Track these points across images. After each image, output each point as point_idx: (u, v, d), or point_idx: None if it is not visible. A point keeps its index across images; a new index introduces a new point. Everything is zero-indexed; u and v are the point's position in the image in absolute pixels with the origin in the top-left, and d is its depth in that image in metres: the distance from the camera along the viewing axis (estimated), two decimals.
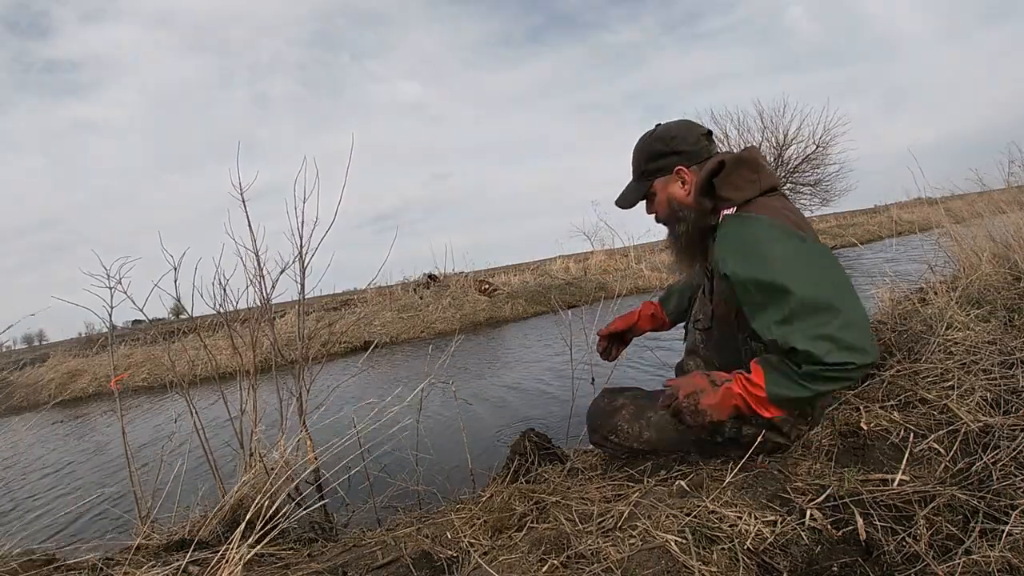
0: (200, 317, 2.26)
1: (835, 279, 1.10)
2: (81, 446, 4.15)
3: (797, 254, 1.11)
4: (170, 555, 1.39)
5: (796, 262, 1.10)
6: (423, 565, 1.17)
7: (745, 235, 1.17)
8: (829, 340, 1.04)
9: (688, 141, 1.32)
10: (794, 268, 1.09)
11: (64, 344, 11.37)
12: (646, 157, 1.37)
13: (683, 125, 1.35)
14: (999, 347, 1.52)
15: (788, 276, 1.08)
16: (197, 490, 1.94)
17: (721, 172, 1.24)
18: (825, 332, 1.04)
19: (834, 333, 1.04)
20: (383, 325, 7.68)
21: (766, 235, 1.14)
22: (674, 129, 1.34)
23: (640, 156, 1.38)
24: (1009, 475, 1.02)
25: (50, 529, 2.40)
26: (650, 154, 1.36)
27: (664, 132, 1.35)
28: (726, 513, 1.04)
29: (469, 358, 5.01)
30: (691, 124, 1.35)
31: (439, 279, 9.31)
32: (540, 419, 2.79)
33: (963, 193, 3.38)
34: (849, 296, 1.08)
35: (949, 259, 2.64)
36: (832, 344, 1.04)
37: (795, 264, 1.10)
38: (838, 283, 1.09)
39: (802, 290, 1.07)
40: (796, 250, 1.12)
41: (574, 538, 1.09)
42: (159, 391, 6.32)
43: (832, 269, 1.12)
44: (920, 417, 1.31)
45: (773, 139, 14.75)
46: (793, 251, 1.12)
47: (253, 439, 1.85)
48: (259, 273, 2.07)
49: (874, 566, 0.91)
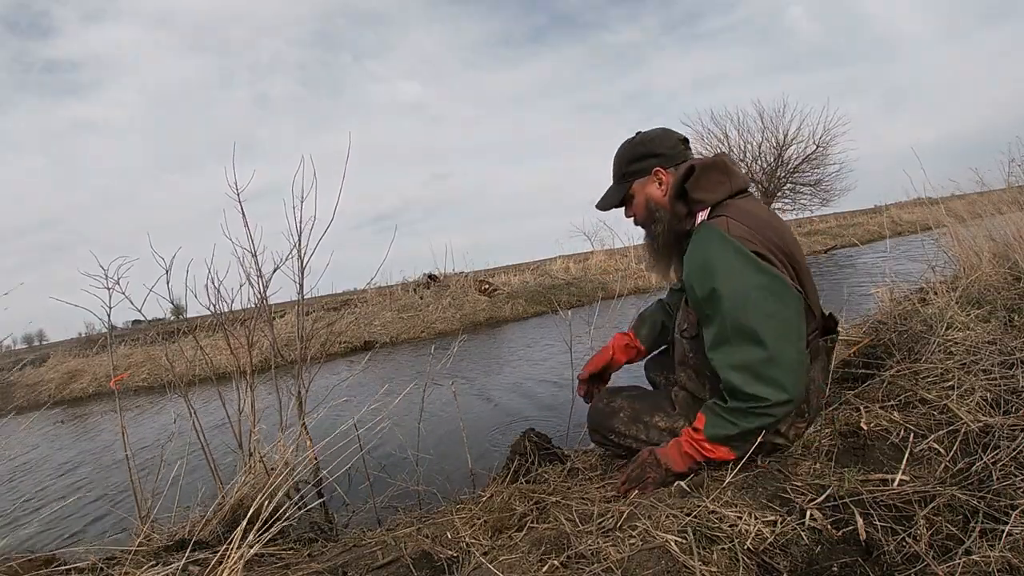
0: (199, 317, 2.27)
1: (773, 312, 1.13)
2: (81, 446, 4.15)
3: (744, 281, 1.15)
4: (170, 555, 1.39)
5: (739, 288, 1.14)
6: (423, 565, 1.17)
7: (703, 250, 1.21)
8: (747, 370, 1.12)
9: (666, 145, 1.38)
10: (735, 293, 1.14)
11: (64, 344, 11.38)
12: (626, 160, 1.42)
13: (661, 131, 1.42)
14: (999, 347, 1.52)
15: (727, 300, 1.15)
16: (197, 490, 1.94)
17: (692, 176, 1.31)
18: (745, 361, 1.13)
19: (754, 364, 1.12)
20: (383, 325, 7.68)
21: (719, 255, 1.18)
22: (652, 134, 1.41)
23: (620, 160, 1.44)
24: (1009, 475, 1.02)
25: (50, 529, 2.39)
26: (630, 157, 1.41)
27: (643, 137, 1.42)
28: (726, 513, 1.04)
29: (469, 358, 5.01)
30: (669, 130, 1.42)
31: (439, 279, 9.31)
32: (540, 419, 2.78)
33: (963, 193, 3.38)
34: (783, 332, 1.13)
35: (949, 259, 2.64)
36: (749, 375, 1.12)
37: (737, 290, 1.14)
38: (776, 317, 1.13)
39: (735, 316, 1.14)
40: (743, 277, 1.15)
41: (574, 538, 1.09)
42: (159, 391, 6.32)
43: (775, 303, 1.14)
44: (920, 417, 1.31)
45: (773, 139, 14.77)
46: (740, 277, 1.15)
47: (252, 439, 1.85)
48: (257, 273, 2.07)
49: (874, 566, 0.91)
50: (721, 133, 15.21)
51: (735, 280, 1.15)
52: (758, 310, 1.13)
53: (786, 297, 1.15)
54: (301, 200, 2.03)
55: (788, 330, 1.14)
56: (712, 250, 1.19)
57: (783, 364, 1.11)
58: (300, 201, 2.03)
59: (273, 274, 2.07)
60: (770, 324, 1.12)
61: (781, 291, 1.15)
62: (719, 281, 1.16)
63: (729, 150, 15.24)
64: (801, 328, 1.18)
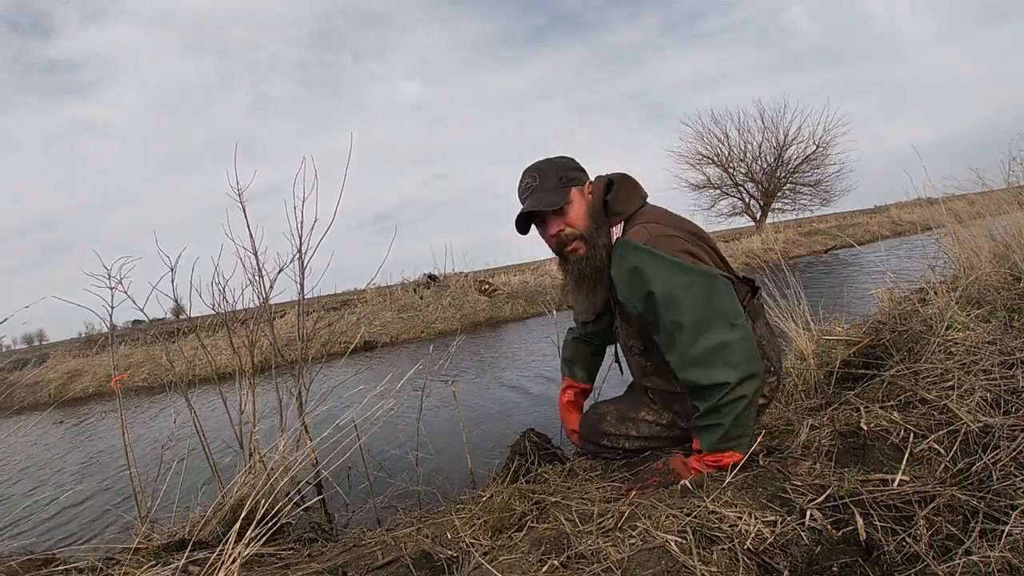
0: (200, 317, 2.26)
1: (705, 303, 1.19)
2: (81, 446, 4.15)
3: (671, 283, 1.21)
4: (170, 555, 1.39)
5: (668, 292, 1.20)
6: (423, 565, 1.17)
7: (628, 263, 1.26)
8: (699, 363, 1.18)
9: (580, 168, 1.44)
10: (667, 298, 1.20)
11: (64, 344, 11.36)
12: (565, 167, 1.41)
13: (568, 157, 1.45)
14: (999, 347, 1.52)
15: (662, 304, 1.20)
16: (197, 490, 1.94)
17: (612, 189, 1.36)
18: (694, 356, 1.18)
19: (703, 357, 1.17)
20: (383, 325, 7.68)
21: (644, 263, 1.23)
22: (566, 157, 1.44)
23: (558, 166, 1.41)
24: (1009, 475, 1.02)
25: (50, 529, 2.40)
26: (569, 165, 1.42)
27: (563, 157, 1.44)
28: (726, 513, 1.04)
29: (469, 358, 5.01)
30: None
31: (439, 279, 9.30)
32: (540, 419, 2.78)
33: (963, 193, 3.38)
34: (719, 318, 1.18)
35: (949, 259, 2.64)
36: (703, 367, 1.18)
37: (668, 293, 1.20)
38: (709, 307, 1.19)
39: (673, 317, 1.20)
40: (670, 279, 1.21)
41: (574, 538, 1.09)
42: (160, 391, 6.32)
43: (705, 294, 1.20)
44: (920, 417, 1.31)
45: (773, 139, 14.79)
46: (667, 280, 1.21)
47: (253, 439, 1.85)
48: (259, 272, 2.07)
49: (874, 566, 0.91)
50: (721, 133, 15.23)
51: (664, 284, 1.21)
52: (691, 307, 1.19)
53: (714, 285, 1.22)
54: (302, 200, 2.03)
55: (723, 314, 1.19)
56: (636, 261, 1.25)
57: (730, 346, 1.17)
58: (301, 201, 2.03)
59: (279, 274, 2.07)
60: (705, 315, 1.19)
61: (708, 282, 1.21)
62: (652, 285, 1.22)
63: (729, 150, 15.25)
64: (735, 306, 1.23)
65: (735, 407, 1.17)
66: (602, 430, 1.53)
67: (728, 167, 15.34)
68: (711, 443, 1.22)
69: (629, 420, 1.50)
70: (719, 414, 1.19)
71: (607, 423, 1.53)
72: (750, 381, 1.18)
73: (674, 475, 1.28)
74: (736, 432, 1.20)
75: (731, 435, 1.20)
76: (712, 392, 1.18)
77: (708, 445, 1.22)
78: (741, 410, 1.18)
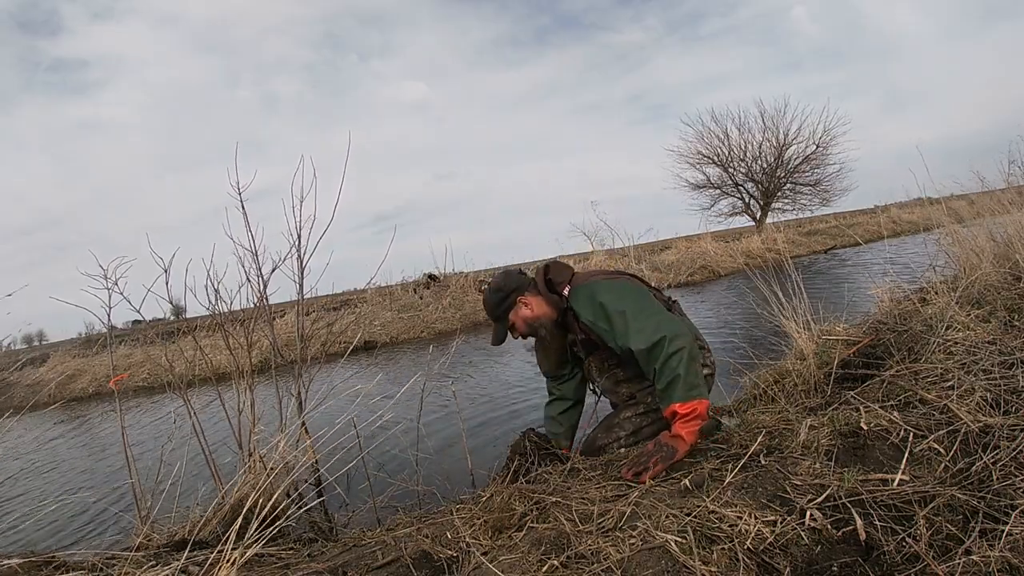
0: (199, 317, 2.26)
1: (637, 299, 1.63)
2: (81, 446, 4.15)
3: (614, 293, 1.65)
4: (170, 555, 1.39)
5: (613, 298, 1.63)
6: (423, 565, 1.17)
7: (584, 297, 1.69)
8: (641, 333, 1.53)
9: (514, 281, 1.84)
10: (613, 301, 1.62)
11: (64, 344, 11.36)
12: (495, 304, 1.84)
13: (504, 274, 1.87)
14: (999, 347, 1.52)
15: (610, 305, 1.61)
16: (197, 490, 1.94)
17: (550, 269, 1.83)
18: (638, 329, 1.54)
19: (644, 329, 1.53)
20: (383, 325, 7.68)
21: (595, 289, 1.68)
22: (500, 280, 1.85)
23: (491, 306, 1.86)
24: (1009, 475, 1.02)
25: (50, 529, 2.39)
26: (496, 301, 1.83)
27: (495, 285, 1.85)
28: (726, 513, 1.04)
29: (469, 358, 5.01)
30: (508, 270, 1.90)
31: (439, 279, 9.30)
32: (540, 419, 2.78)
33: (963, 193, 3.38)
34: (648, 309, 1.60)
35: (950, 259, 2.64)
36: (644, 335, 1.52)
37: (612, 298, 1.63)
38: (640, 302, 1.62)
39: (619, 309, 1.59)
40: (612, 291, 1.66)
41: (574, 538, 1.09)
42: (159, 391, 6.32)
43: (636, 295, 1.66)
44: (920, 417, 1.31)
45: (774, 139, 14.76)
46: (610, 291, 1.66)
47: (252, 439, 1.84)
48: (257, 272, 2.07)
49: (874, 566, 0.91)
50: (722, 132, 15.20)
51: (610, 295, 1.64)
52: (630, 303, 1.61)
53: (643, 291, 1.72)
54: (301, 200, 2.02)
55: (653, 304, 1.64)
56: (589, 291, 1.69)
57: (660, 321, 1.54)
58: (300, 201, 2.02)
59: (272, 273, 2.06)
60: (641, 305, 1.60)
61: (639, 289, 1.72)
62: (602, 297, 1.64)
63: (730, 149, 15.22)
64: (657, 305, 1.67)
65: (680, 357, 1.44)
66: (598, 445, 1.73)
67: (728, 167, 15.32)
68: (681, 394, 1.42)
69: (615, 426, 1.74)
70: (670, 367, 1.44)
71: (599, 438, 1.74)
72: (680, 338, 1.47)
73: (669, 448, 1.40)
74: (693, 379, 1.44)
75: (691, 382, 1.43)
76: (656, 349, 1.47)
77: (679, 396, 1.42)
78: (686, 359, 1.44)
